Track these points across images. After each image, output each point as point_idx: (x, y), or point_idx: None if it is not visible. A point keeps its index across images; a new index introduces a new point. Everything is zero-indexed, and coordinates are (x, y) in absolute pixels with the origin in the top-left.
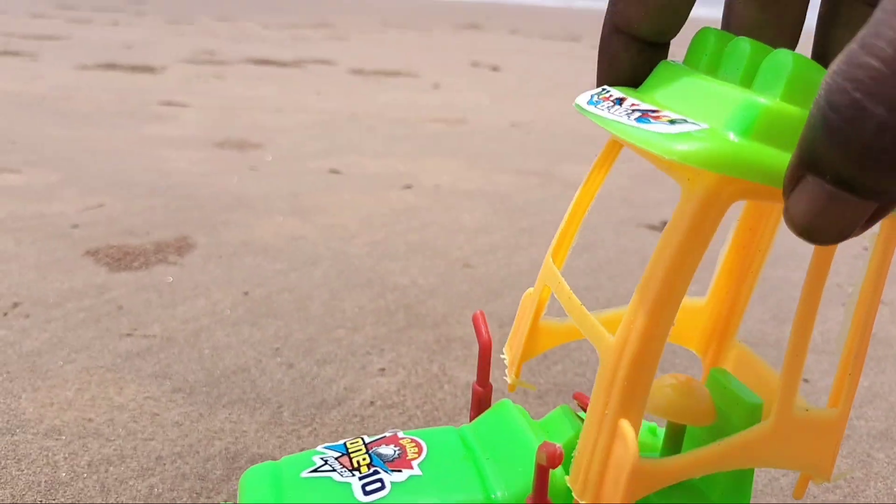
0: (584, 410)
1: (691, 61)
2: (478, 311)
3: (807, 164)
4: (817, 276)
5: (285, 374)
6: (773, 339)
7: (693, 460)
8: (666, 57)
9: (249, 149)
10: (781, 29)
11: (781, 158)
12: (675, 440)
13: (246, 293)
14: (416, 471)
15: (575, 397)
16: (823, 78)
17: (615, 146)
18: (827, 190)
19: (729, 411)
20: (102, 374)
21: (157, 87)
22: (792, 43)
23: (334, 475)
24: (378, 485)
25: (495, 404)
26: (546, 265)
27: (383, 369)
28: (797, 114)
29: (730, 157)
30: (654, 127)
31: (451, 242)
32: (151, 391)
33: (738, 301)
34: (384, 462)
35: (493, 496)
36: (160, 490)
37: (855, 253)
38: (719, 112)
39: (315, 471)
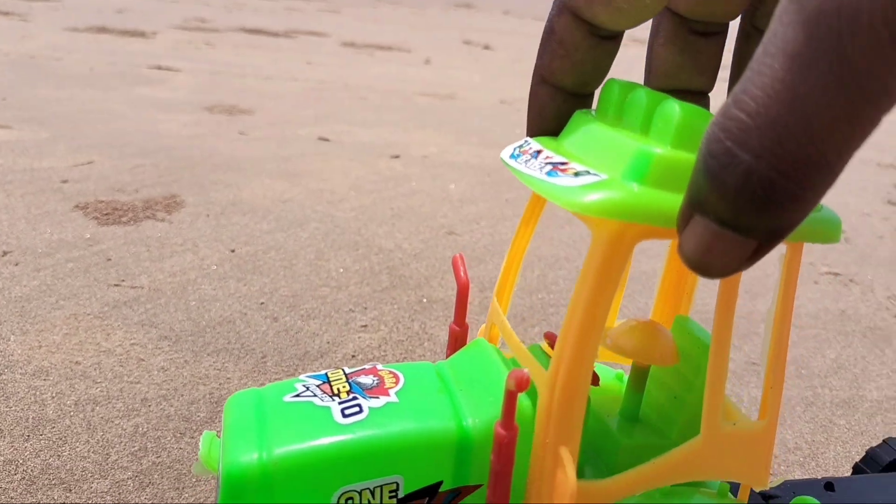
0: (554, 348)
1: (601, 110)
2: (457, 255)
3: (693, 206)
4: (727, 302)
5: (270, 327)
6: (745, 311)
7: (633, 480)
8: (591, 106)
9: (239, 114)
10: (699, 70)
11: (675, 201)
12: (638, 381)
13: (233, 250)
14: (393, 398)
15: (545, 336)
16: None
17: (540, 196)
18: (712, 229)
19: (691, 353)
20: (90, 321)
21: (148, 52)
22: (710, 83)
23: (315, 400)
24: (356, 409)
25: (470, 342)
26: (493, 305)
27: (365, 326)
28: (687, 159)
29: (627, 206)
30: (561, 180)
31: (437, 210)
32: (138, 338)
33: (678, 312)
34: (363, 390)
35: (464, 423)
36: (145, 429)
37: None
38: (618, 162)
39: (297, 396)
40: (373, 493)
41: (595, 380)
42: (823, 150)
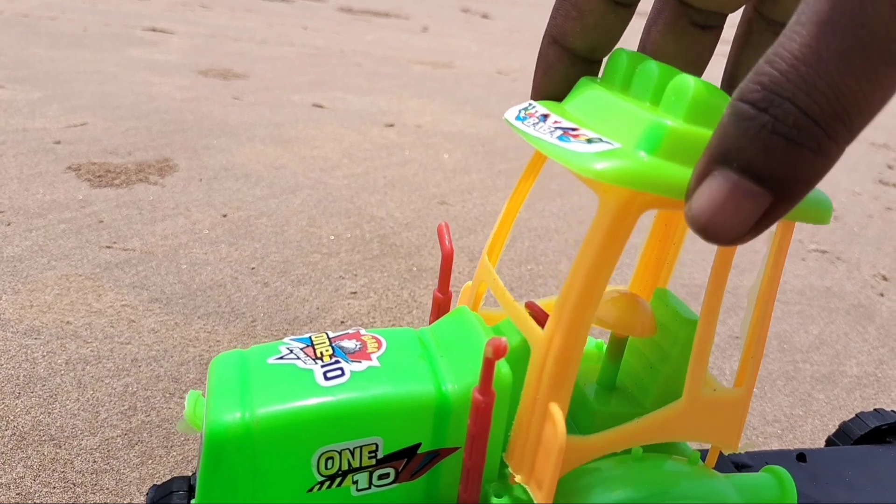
0: (534, 318)
1: (608, 78)
2: (442, 223)
3: (716, 158)
4: (719, 278)
5: (260, 292)
6: (731, 287)
7: (616, 437)
8: (597, 74)
9: (233, 78)
10: (690, 62)
11: (684, 173)
12: (616, 351)
13: (225, 215)
14: (375, 362)
15: (526, 306)
16: (733, 95)
17: (540, 158)
18: (731, 180)
19: (669, 326)
20: (81, 282)
21: (143, 13)
22: (699, 72)
23: (298, 362)
24: (338, 372)
25: (453, 310)
26: (482, 263)
27: (355, 293)
28: (698, 134)
29: (639, 175)
30: (573, 146)
31: (429, 180)
32: (129, 300)
33: (657, 285)
34: (346, 354)
35: (444, 388)
36: (135, 389)
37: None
38: (630, 131)
39: (280, 358)
40: (353, 454)
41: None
42: (846, 107)
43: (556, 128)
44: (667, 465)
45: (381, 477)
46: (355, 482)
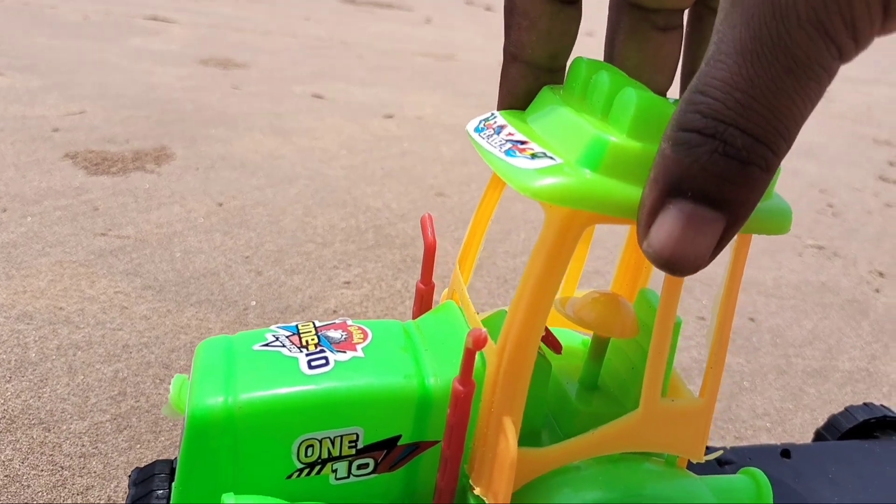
0: (548, 344)
1: (568, 88)
2: (426, 214)
3: (667, 191)
4: (672, 289)
5: (253, 280)
6: None
7: (571, 448)
8: (562, 81)
9: (234, 68)
10: (659, 68)
11: (627, 190)
12: (598, 351)
13: (220, 204)
14: (359, 353)
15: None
16: (667, 127)
17: None
18: (687, 210)
19: (652, 326)
20: (75, 269)
21: (144, 2)
22: (668, 81)
23: (283, 350)
24: (323, 361)
25: (441, 304)
26: (455, 273)
27: (349, 282)
28: (641, 149)
29: (577, 192)
30: (517, 161)
31: (427, 171)
32: (122, 286)
33: (636, 289)
34: (331, 343)
35: (426, 381)
36: (125, 374)
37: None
38: (575, 146)
39: (266, 345)
40: (333, 443)
41: (557, 348)
42: (785, 123)
43: (507, 140)
44: (641, 465)
45: (360, 467)
46: (334, 471)
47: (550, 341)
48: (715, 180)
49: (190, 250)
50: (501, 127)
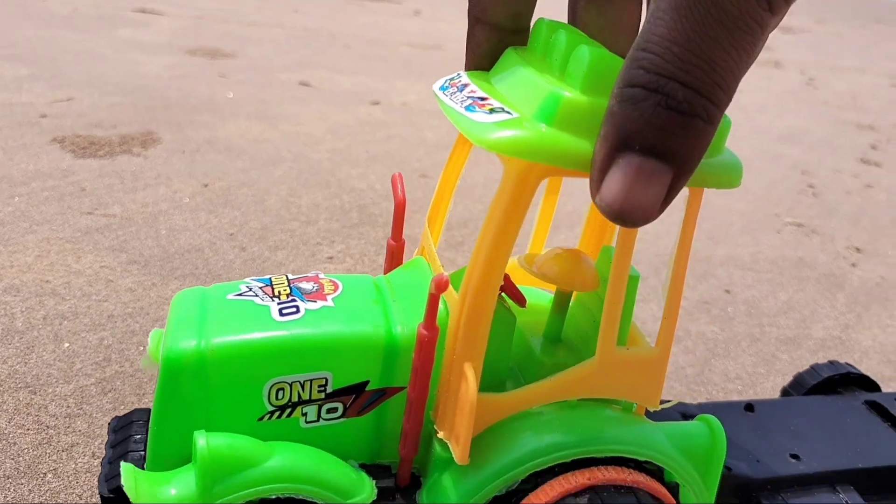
0: (508, 293)
1: (531, 48)
2: (396, 174)
3: (616, 146)
4: (626, 240)
5: (237, 256)
6: (705, 255)
7: (530, 394)
8: (525, 43)
9: (221, 58)
10: (620, 29)
11: (581, 143)
12: (561, 305)
13: (206, 185)
14: (330, 303)
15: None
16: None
17: None
18: (636, 163)
19: None
20: (62, 245)
21: None
22: (631, 41)
23: (256, 299)
24: (294, 310)
25: (410, 259)
26: (424, 231)
27: (331, 257)
28: (595, 103)
29: (532, 145)
30: (476, 115)
31: (412, 154)
32: (108, 261)
33: (600, 246)
34: (303, 294)
35: (393, 329)
36: (110, 342)
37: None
38: (532, 102)
39: (239, 295)
40: (302, 386)
41: (521, 301)
42: (722, 74)
43: (468, 97)
44: (601, 411)
45: (329, 411)
46: (304, 414)
47: (514, 294)
48: (659, 133)
49: (175, 228)
50: (465, 85)
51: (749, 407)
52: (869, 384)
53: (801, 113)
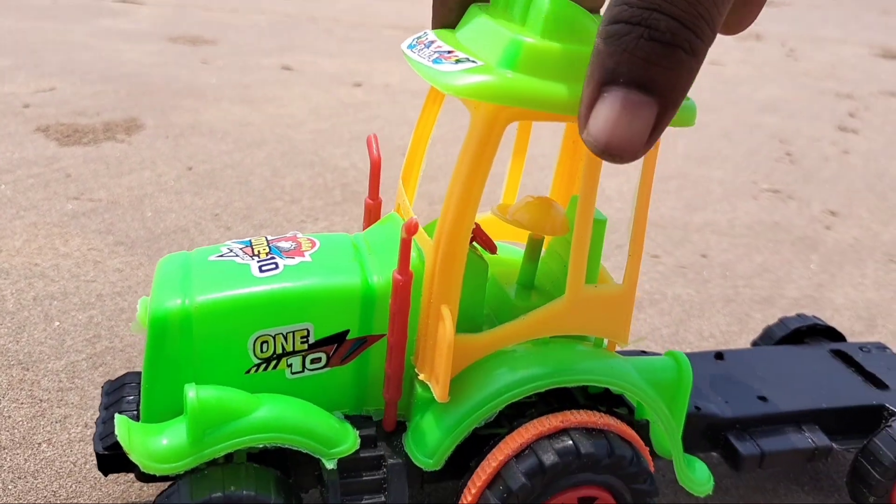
0: (478, 240)
1: (493, 3)
2: (371, 135)
3: (602, 81)
4: (590, 182)
5: (223, 235)
6: (682, 223)
7: (505, 333)
8: (489, 0)
9: (202, 44)
10: None
11: (543, 86)
12: (534, 252)
13: (190, 168)
14: (307, 258)
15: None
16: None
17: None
18: (621, 96)
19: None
20: (49, 229)
21: None
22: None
23: (236, 259)
24: (273, 266)
25: (385, 216)
26: (399, 188)
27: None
28: (556, 48)
29: (498, 89)
30: (443, 66)
31: (395, 133)
32: (95, 244)
33: (573, 192)
34: (281, 252)
35: (370, 280)
36: (99, 320)
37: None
38: (495, 50)
39: (220, 256)
40: (286, 338)
41: (492, 248)
42: (707, 7)
43: (435, 52)
44: (573, 347)
45: (313, 361)
46: (290, 365)
47: (485, 242)
48: (643, 64)
49: (160, 210)
50: (432, 42)
51: (719, 356)
52: (835, 335)
53: (780, 83)
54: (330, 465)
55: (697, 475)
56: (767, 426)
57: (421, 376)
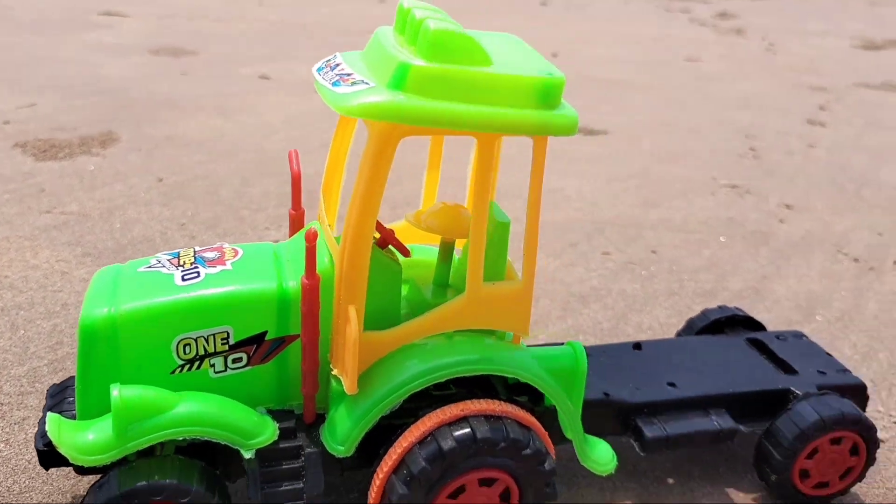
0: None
1: (397, 25)
2: (292, 150)
3: None
4: (481, 197)
5: (187, 244)
6: (636, 221)
7: (409, 329)
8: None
9: (184, 55)
10: None
11: (431, 105)
12: (446, 254)
13: (161, 179)
14: (228, 267)
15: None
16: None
17: None
18: None
19: (491, 230)
20: (21, 242)
21: None
22: None
23: (163, 269)
24: (195, 275)
25: (306, 225)
26: (320, 201)
27: (277, 240)
28: (439, 70)
29: (384, 108)
30: (340, 89)
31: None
32: (63, 255)
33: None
34: (205, 261)
35: (285, 284)
36: (63, 327)
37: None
38: (387, 72)
39: (149, 267)
40: (207, 341)
41: (405, 252)
42: None
43: (337, 75)
44: (480, 340)
45: (235, 360)
46: (212, 365)
47: (398, 246)
48: None
49: (129, 221)
50: (337, 65)
51: (637, 346)
52: (755, 325)
53: (756, 78)
54: (248, 454)
55: (599, 455)
56: (676, 411)
57: (334, 371)
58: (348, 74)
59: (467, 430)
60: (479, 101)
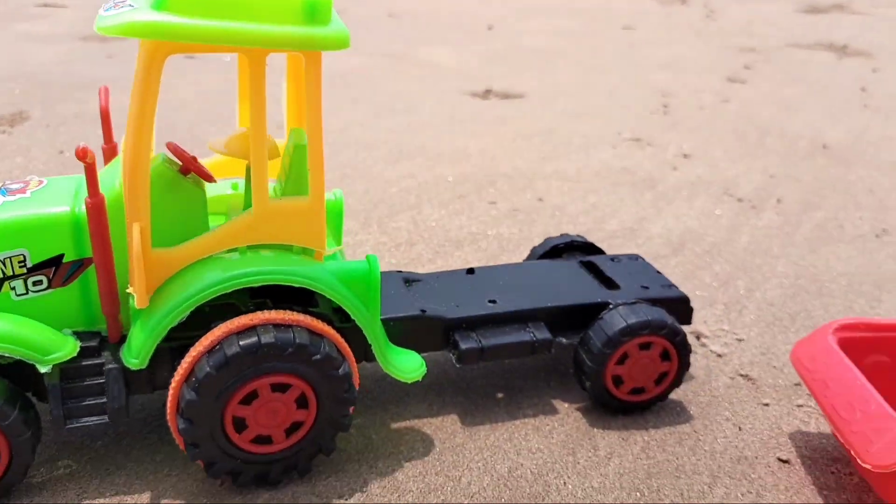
0: (176, 156)
1: None
2: (102, 87)
3: None
4: (257, 98)
5: None
6: (530, 173)
7: (200, 244)
8: None
9: (112, 40)
10: None
11: (191, 23)
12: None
13: (61, 152)
14: (27, 195)
15: (167, 146)
16: None
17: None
18: None
19: (289, 151)
20: None
21: None
22: None
23: None
24: None
25: (115, 158)
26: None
27: None
28: None
29: (142, 26)
30: (111, 12)
31: (275, 108)
32: None
33: (299, 125)
34: (7, 191)
35: (78, 210)
36: None
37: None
38: None
39: None
40: (4, 264)
41: (209, 177)
42: None
43: (113, 5)
44: (281, 254)
45: (35, 283)
46: (13, 288)
47: (201, 173)
48: None
49: None
50: (123, 1)
51: (470, 271)
52: (595, 251)
53: (688, 43)
54: (44, 369)
55: (403, 364)
56: (494, 325)
57: (129, 290)
58: (122, 3)
59: (254, 337)
60: (244, 19)
